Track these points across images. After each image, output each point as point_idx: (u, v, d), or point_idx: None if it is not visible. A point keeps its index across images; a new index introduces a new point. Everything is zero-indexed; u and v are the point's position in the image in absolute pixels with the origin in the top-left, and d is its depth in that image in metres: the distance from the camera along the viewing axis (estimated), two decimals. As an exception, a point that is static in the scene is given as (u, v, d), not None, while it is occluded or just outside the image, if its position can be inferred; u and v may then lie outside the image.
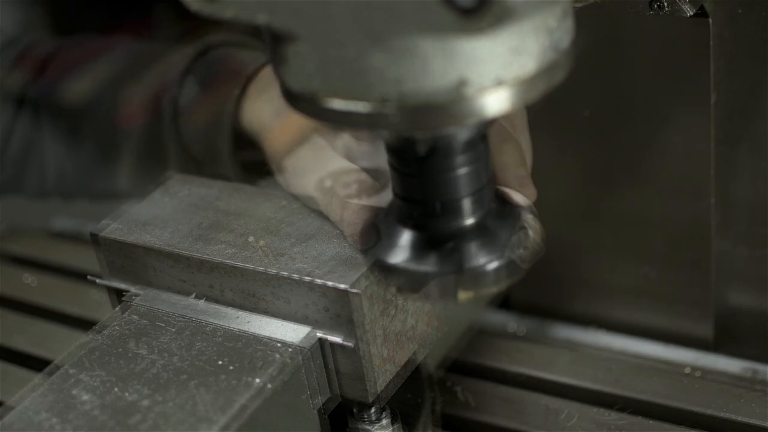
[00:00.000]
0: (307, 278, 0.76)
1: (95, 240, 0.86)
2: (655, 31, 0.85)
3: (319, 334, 0.77)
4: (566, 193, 0.97)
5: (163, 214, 0.87)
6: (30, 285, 1.16)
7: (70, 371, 0.77)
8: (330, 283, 0.75)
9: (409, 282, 0.72)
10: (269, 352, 0.76)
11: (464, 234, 0.71)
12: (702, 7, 0.83)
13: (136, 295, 0.84)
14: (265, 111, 1.00)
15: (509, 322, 1.05)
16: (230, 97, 1.04)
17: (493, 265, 0.70)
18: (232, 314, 0.80)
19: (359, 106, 0.60)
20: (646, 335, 0.99)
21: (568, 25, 0.63)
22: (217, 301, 0.82)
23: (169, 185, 0.91)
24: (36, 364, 1.02)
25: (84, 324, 1.06)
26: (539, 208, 0.74)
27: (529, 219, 0.74)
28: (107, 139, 1.32)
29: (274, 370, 0.74)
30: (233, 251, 0.80)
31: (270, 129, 0.98)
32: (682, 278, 0.96)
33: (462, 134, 0.67)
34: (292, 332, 0.78)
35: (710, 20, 0.83)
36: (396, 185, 0.72)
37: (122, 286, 0.86)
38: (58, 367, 0.78)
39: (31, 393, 0.76)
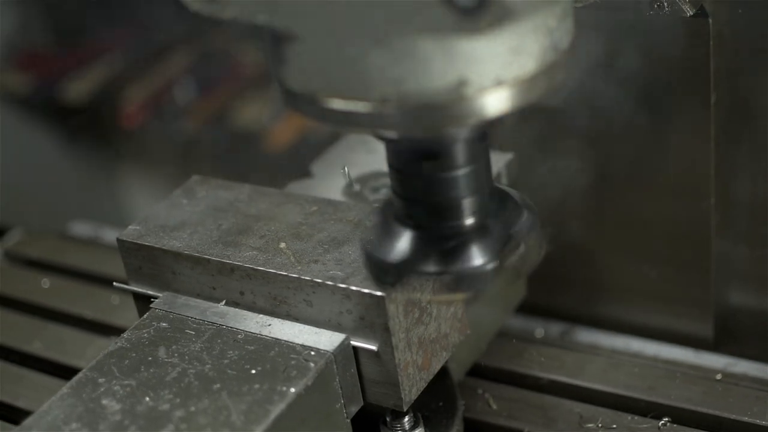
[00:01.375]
0: (342, 285, 0.74)
1: (122, 245, 0.85)
2: (655, 31, 0.85)
3: (353, 342, 0.76)
4: (566, 193, 0.97)
5: (189, 218, 0.85)
6: (46, 288, 1.14)
7: (98, 379, 0.75)
8: (366, 291, 0.74)
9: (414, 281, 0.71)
10: (303, 360, 0.74)
11: (463, 235, 0.71)
12: (702, 7, 0.83)
13: (164, 302, 0.83)
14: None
15: (535, 326, 1.03)
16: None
17: (489, 267, 0.70)
18: (263, 321, 0.79)
19: (359, 106, 0.60)
20: (646, 335, 0.99)
21: (568, 25, 0.63)
22: (247, 308, 0.80)
23: (189, 187, 0.90)
24: (53, 368, 1.01)
25: (100, 328, 1.06)
26: (539, 208, 0.74)
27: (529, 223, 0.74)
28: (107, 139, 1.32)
29: (308, 379, 0.73)
30: (266, 257, 0.79)
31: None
32: (682, 278, 0.96)
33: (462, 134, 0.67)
34: (325, 340, 0.76)
35: (710, 20, 0.83)
36: (396, 185, 0.72)
37: (149, 292, 0.85)
38: (85, 376, 0.76)
39: (58, 402, 0.74)
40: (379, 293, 0.73)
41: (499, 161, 0.91)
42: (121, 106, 1.70)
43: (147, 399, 0.72)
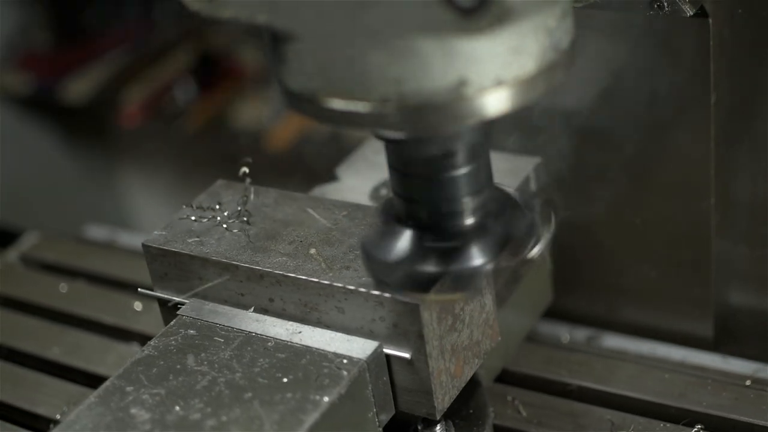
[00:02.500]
0: (376, 293, 0.73)
1: (147, 251, 0.83)
2: (655, 31, 0.85)
3: (386, 350, 0.75)
4: (565, 193, 0.97)
5: (215, 223, 0.84)
6: (64, 293, 1.12)
7: (126, 388, 0.73)
8: (399, 298, 0.72)
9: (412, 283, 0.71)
10: (335, 368, 0.73)
11: (463, 235, 0.71)
12: (702, 7, 0.82)
13: (191, 309, 0.81)
14: None
15: (561, 332, 1.01)
16: None
17: (488, 267, 0.70)
18: (293, 329, 0.77)
19: (359, 106, 0.60)
20: (646, 335, 0.99)
21: (568, 25, 0.63)
22: (276, 315, 0.79)
23: (214, 191, 0.88)
24: (73, 375, 0.99)
25: (120, 333, 1.04)
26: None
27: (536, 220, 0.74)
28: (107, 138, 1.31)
29: (342, 387, 0.71)
30: (296, 264, 0.78)
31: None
32: (682, 278, 0.96)
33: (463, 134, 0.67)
34: (358, 348, 0.74)
35: (710, 20, 0.83)
36: (396, 185, 0.72)
37: (175, 298, 0.83)
38: (113, 384, 0.75)
39: (86, 411, 0.72)
40: (412, 301, 0.71)
41: (527, 165, 0.90)
42: (121, 106, 1.70)
43: (177, 408, 0.71)
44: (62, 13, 1.82)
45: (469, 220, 0.71)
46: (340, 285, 0.75)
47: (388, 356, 0.75)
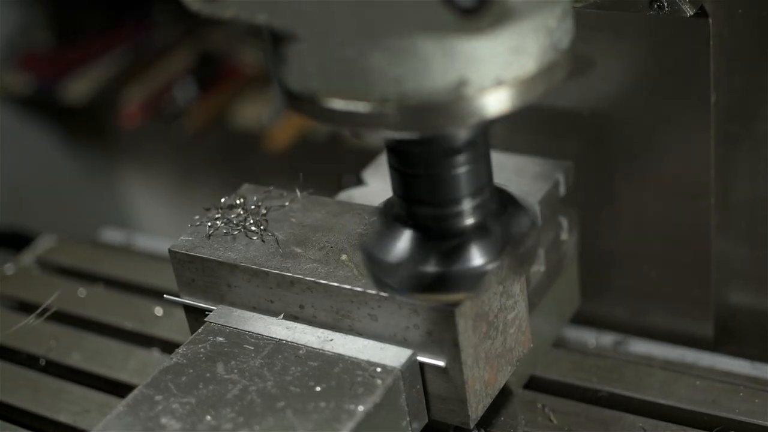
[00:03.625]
0: (410, 299, 0.72)
1: (174, 257, 0.82)
2: (655, 31, 0.85)
3: (420, 358, 0.73)
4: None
5: (242, 227, 0.83)
6: (82, 298, 1.10)
7: (155, 397, 0.72)
8: (436, 305, 0.71)
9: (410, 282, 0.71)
10: (370, 377, 0.71)
11: (463, 235, 0.71)
12: (702, 7, 0.83)
13: (219, 316, 0.80)
14: None
15: (588, 337, 1.00)
16: None
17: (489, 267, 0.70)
18: (324, 336, 0.76)
19: (359, 106, 0.60)
20: (646, 335, 0.99)
21: (568, 25, 0.63)
22: (307, 322, 0.78)
23: (239, 195, 0.87)
24: (94, 381, 0.98)
25: (141, 339, 1.03)
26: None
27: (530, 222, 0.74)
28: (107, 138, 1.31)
29: (376, 396, 0.70)
30: (327, 270, 0.76)
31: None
32: (682, 278, 0.96)
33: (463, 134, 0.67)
34: (392, 356, 0.73)
35: (710, 20, 0.83)
36: (396, 185, 0.72)
37: (201, 305, 0.82)
38: (141, 393, 0.73)
39: (115, 420, 0.71)
40: (448, 308, 0.70)
41: (557, 169, 0.89)
42: (121, 106, 1.70)
43: (208, 418, 0.70)
44: (62, 13, 1.82)
45: (470, 220, 0.70)
46: (373, 292, 0.73)
47: (421, 364, 0.73)
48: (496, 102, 0.60)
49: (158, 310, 1.05)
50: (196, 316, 0.83)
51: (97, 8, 1.84)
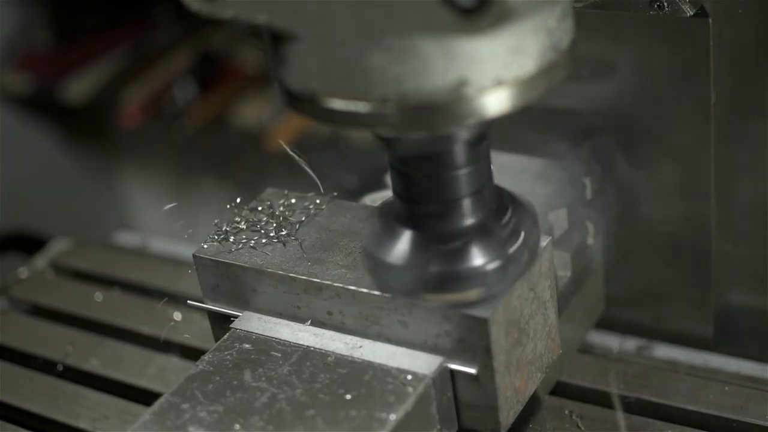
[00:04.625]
0: (442, 306, 0.71)
1: (198, 262, 0.81)
2: (655, 31, 0.85)
3: (451, 365, 0.72)
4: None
5: (268, 233, 0.81)
6: (99, 302, 1.08)
7: (182, 405, 0.71)
8: (468, 313, 0.70)
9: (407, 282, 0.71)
10: (401, 384, 0.70)
11: (463, 235, 0.71)
12: (702, 7, 0.82)
13: (245, 322, 0.79)
14: None
15: (612, 342, 0.98)
16: None
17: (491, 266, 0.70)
18: (353, 343, 0.74)
19: (359, 106, 0.60)
20: (646, 335, 0.99)
21: (568, 25, 0.63)
22: (335, 329, 0.76)
23: (264, 199, 0.85)
24: (112, 387, 0.97)
25: (159, 344, 1.00)
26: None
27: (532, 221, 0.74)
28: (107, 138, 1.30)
29: (408, 405, 0.68)
30: (356, 276, 0.75)
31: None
32: (682, 278, 0.96)
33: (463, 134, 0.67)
34: (423, 363, 0.72)
35: (710, 20, 0.83)
36: (396, 184, 0.72)
37: (226, 310, 0.81)
38: (167, 401, 0.72)
39: (141, 429, 0.70)
40: (481, 315, 0.69)
41: (583, 173, 0.88)
42: (121, 106, 1.70)
43: (237, 426, 0.68)
44: (62, 13, 1.82)
45: (471, 220, 0.71)
46: (404, 299, 0.72)
47: (452, 371, 0.72)
48: (496, 102, 0.60)
49: (177, 315, 1.03)
50: (220, 323, 0.81)
51: (97, 8, 1.84)
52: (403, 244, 0.71)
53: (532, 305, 0.75)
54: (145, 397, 0.92)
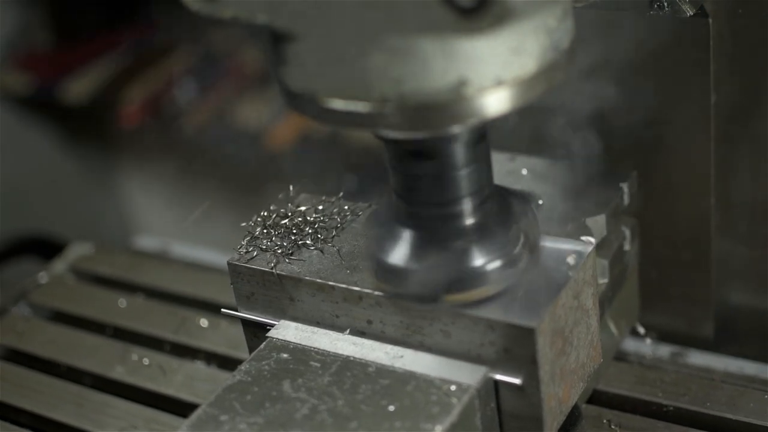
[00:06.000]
0: (485, 315, 0.70)
1: (233, 269, 0.79)
2: (655, 31, 0.85)
3: (495, 376, 0.71)
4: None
5: (301, 239, 0.80)
6: (123, 308, 1.07)
7: (220, 417, 0.69)
8: (514, 322, 0.69)
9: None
10: (445, 395, 0.68)
11: (464, 235, 0.71)
12: (702, 7, 0.83)
13: (282, 331, 0.77)
14: None
15: (645, 349, 0.97)
16: None
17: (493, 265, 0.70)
18: (394, 353, 0.73)
19: (359, 106, 0.60)
20: (646, 335, 0.99)
21: (568, 25, 0.63)
22: (374, 338, 0.75)
23: (294, 204, 0.84)
24: (139, 395, 0.95)
25: (185, 351, 1.00)
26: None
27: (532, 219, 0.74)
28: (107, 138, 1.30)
29: (453, 416, 0.67)
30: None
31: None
32: (682, 278, 0.96)
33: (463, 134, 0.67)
34: (466, 373, 0.70)
35: (710, 20, 0.83)
36: (396, 184, 0.72)
37: (262, 319, 0.79)
38: (205, 412, 0.70)
39: None
40: (526, 324, 0.68)
41: (620, 180, 0.87)
42: (121, 106, 1.70)
43: None
44: (62, 13, 1.82)
45: (471, 220, 0.71)
46: (447, 308, 0.71)
47: (496, 382, 0.71)
48: (496, 102, 0.60)
49: (203, 322, 1.02)
50: (255, 331, 0.80)
51: (97, 8, 1.84)
52: (402, 244, 0.71)
53: (576, 314, 0.74)
54: (172, 405, 0.92)
